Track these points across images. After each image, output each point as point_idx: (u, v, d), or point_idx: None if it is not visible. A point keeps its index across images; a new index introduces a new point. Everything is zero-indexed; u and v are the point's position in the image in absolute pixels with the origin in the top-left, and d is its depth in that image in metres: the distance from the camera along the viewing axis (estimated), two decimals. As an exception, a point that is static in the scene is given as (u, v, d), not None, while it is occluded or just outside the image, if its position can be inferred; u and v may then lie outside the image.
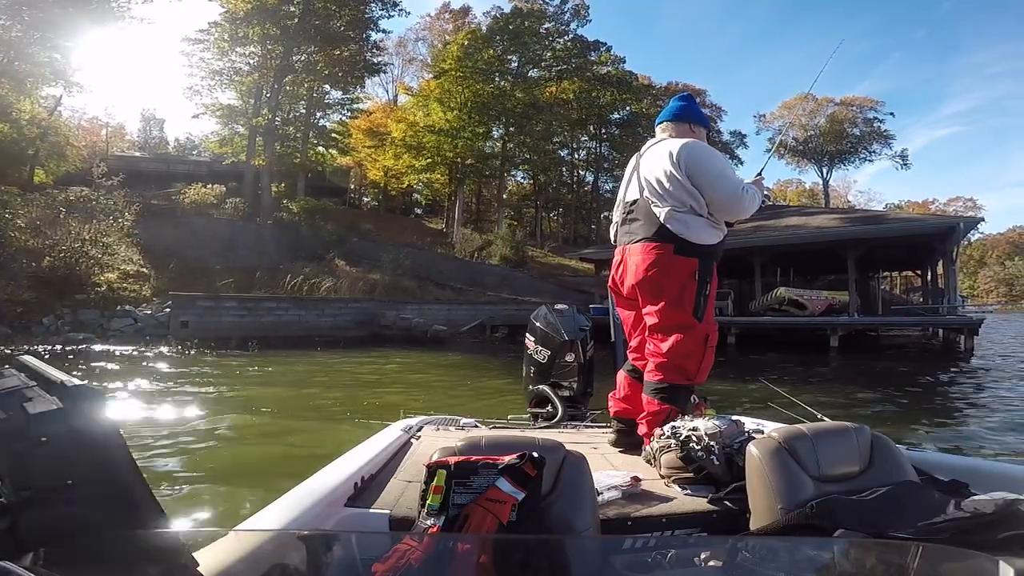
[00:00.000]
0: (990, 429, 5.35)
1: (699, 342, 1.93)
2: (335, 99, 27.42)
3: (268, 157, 23.29)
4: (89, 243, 14.97)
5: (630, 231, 2.03)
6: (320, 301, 16.20)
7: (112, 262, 15.56)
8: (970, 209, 57.67)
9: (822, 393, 7.21)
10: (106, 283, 14.62)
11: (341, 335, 14.86)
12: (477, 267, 24.35)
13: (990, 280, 78.46)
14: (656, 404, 1.90)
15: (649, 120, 29.86)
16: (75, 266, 14.26)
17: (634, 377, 2.11)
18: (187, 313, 13.63)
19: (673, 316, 1.92)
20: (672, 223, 1.90)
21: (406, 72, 43.36)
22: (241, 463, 3.94)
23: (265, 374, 8.94)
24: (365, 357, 11.59)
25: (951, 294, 16.09)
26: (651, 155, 2.04)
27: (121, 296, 14.55)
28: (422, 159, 28.93)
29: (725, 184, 1.93)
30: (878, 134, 42.28)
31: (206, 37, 23.61)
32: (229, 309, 14.22)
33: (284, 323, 14.77)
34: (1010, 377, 9.35)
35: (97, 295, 14.09)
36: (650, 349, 1.99)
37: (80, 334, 12.50)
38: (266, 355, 11.10)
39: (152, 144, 46.79)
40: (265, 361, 10.29)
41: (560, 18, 35.09)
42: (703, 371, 1.96)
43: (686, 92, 2.28)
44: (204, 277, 16.39)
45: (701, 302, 1.93)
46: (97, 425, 0.62)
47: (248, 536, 0.83)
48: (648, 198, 1.98)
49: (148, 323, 13.61)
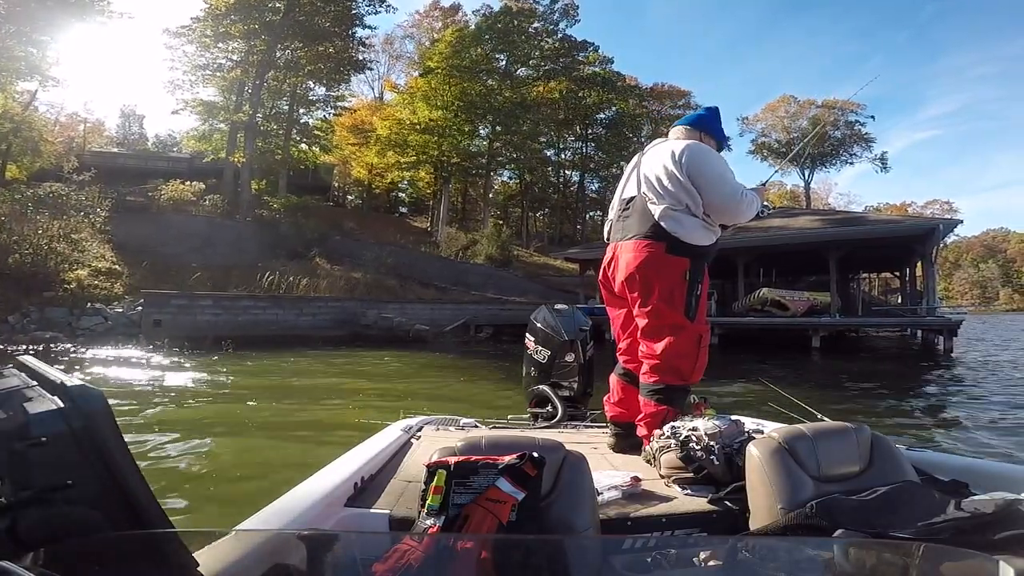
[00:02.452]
0: (982, 429, 5.36)
1: (692, 343, 1.93)
2: (319, 96, 27.11)
3: (248, 153, 22.84)
4: (58, 239, 14.48)
5: (624, 228, 2.03)
6: (299, 300, 15.87)
7: (83, 259, 15.08)
8: (947, 212, 58.92)
9: (813, 394, 7.17)
10: (76, 280, 14.14)
11: (320, 335, 14.57)
12: (462, 266, 24.17)
13: (964, 282, 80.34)
14: (653, 405, 1.90)
15: (634, 120, 29.96)
16: (43, 263, 13.80)
17: (626, 380, 2.10)
18: (160, 312, 13.22)
19: (665, 317, 1.92)
20: (666, 221, 1.90)
21: (393, 70, 43.02)
22: (228, 467, 3.81)
23: (234, 374, 8.64)
24: (336, 357, 11.36)
25: (930, 295, 16.29)
26: (654, 153, 2.05)
27: (92, 294, 14.08)
28: (407, 157, 28.65)
29: (724, 187, 1.93)
30: (859, 137, 42.96)
31: (188, 32, 23.12)
32: (204, 308, 13.83)
33: (261, 322, 14.42)
34: (992, 377, 9.42)
35: (66, 293, 13.62)
36: (643, 351, 1.98)
37: (47, 333, 12.05)
38: (240, 355, 10.79)
39: (131, 140, 45.86)
40: (238, 361, 10.01)
41: (549, 18, 35.14)
42: (697, 371, 1.96)
43: (714, 106, 2.24)
44: (179, 275, 15.95)
45: (692, 303, 1.92)
46: (97, 425, 0.63)
47: (248, 536, 0.83)
48: (645, 194, 1.97)
49: (119, 322, 13.18)
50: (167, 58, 23.57)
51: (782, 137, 43.60)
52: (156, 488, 0.67)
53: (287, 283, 16.55)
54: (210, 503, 3.13)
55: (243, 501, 2.98)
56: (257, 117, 23.66)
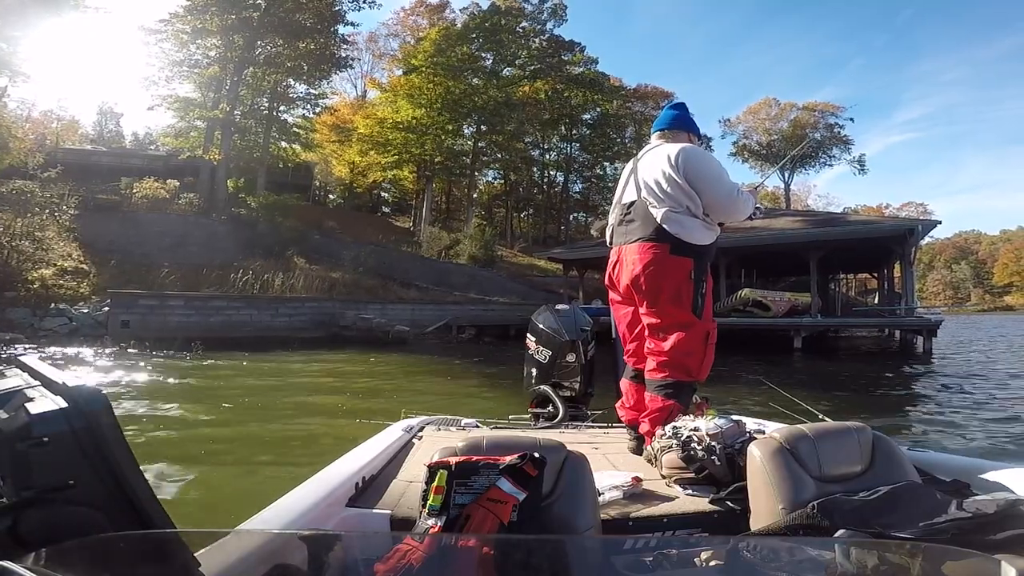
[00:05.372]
0: (975, 428, 5.35)
1: (700, 339, 1.97)
2: (300, 93, 26.65)
3: (224, 151, 22.30)
4: (21, 237, 13.92)
5: (627, 232, 2.08)
6: (274, 300, 15.48)
7: (47, 258, 14.55)
8: (922, 214, 60.07)
9: (799, 394, 7.09)
10: (39, 280, 13.62)
11: (296, 336, 14.20)
12: (444, 266, 23.90)
13: (938, 283, 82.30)
14: (660, 400, 1.92)
15: (618, 121, 29.94)
16: (5, 262, 13.24)
17: (638, 382, 2.12)
18: (128, 312, 12.76)
19: (673, 315, 1.96)
20: (668, 224, 1.95)
21: (376, 68, 42.47)
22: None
23: (196, 377, 8.29)
24: (303, 359, 11.05)
25: (908, 296, 16.46)
26: (649, 159, 2.11)
27: (56, 294, 13.58)
28: (388, 155, 28.28)
29: (721, 187, 2.01)
30: (838, 139, 43.60)
31: (165, 28, 22.53)
32: (174, 308, 13.40)
33: (234, 323, 14.01)
34: (976, 378, 9.47)
35: (29, 293, 13.10)
36: (650, 348, 2.02)
37: (7, 334, 11.54)
38: (209, 356, 10.40)
39: (108, 138, 44.64)
40: (200, 363, 9.64)
41: (538, 17, 35.00)
42: (704, 368, 1.99)
43: (679, 101, 2.38)
44: (150, 274, 15.46)
45: (699, 300, 1.98)
46: (99, 425, 0.63)
47: (249, 536, 0.82)
48: (646, 199, 2.03)
49: (84, 322, 12.70)
50: (144, 54, 23.06)
51: (763, 139, 44.11)
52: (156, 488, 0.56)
53: (262, 282, 16.11)
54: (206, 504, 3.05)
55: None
56: (235, 114, 23.17)
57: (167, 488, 3.25)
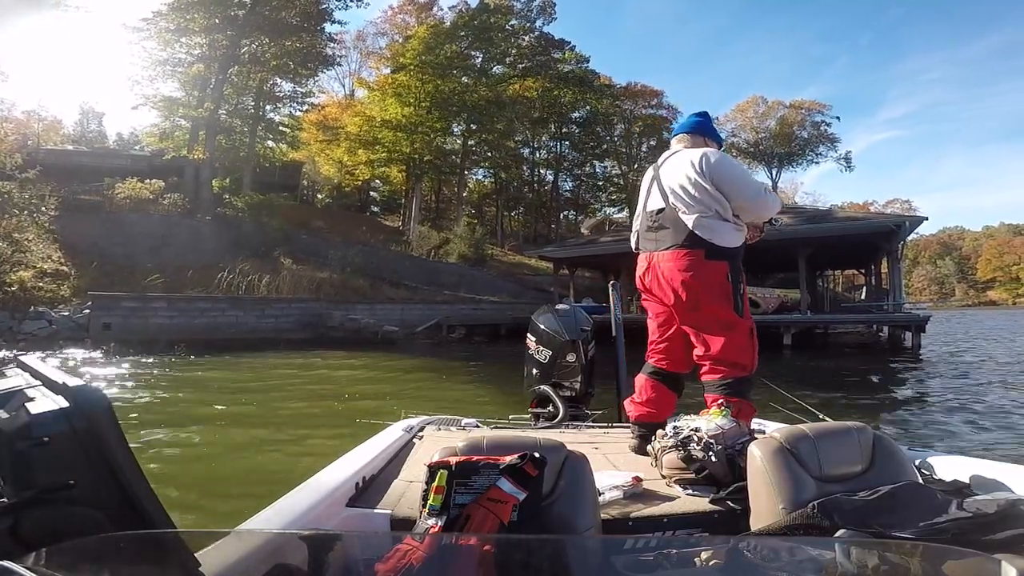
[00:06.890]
0: (967, 424, 5.35)
1: (746, 336, 2.02)
2: (286, 91, 26.33)
3: (209, 150, 21.96)
4: (-3, 239, 13.60)
5: (657, 239, 2.10)
6: (260, 301, 15.23)
7: (26, 260, 14.20)
8: (907, 210, 60.53)
9: (794, 393, 7.07)
10: (18, 282, 13.29)
11: (283, 337, 14.00)
12: (434, 266, 23.73)
13: (923, 279, 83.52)
14: (725, 399, 1.92)
15: (608, 119, 29.85)
16: (-18, 264, 12.92)
17: (657, 379, 2.13)
18: (110, 315, 12.49)
19: (718, 317, 2.00)
20: (701, 229, 1.98)
21: (364, 66, 42.09)
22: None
23: (179, 380, 8.11)
24: (290, 360, 10.86)
25: (896, 292, 16.56)
26: (671, 165, 2.12)
27: (35, 296, 13.26)
28: (376, 154, 28.03)
29: (747, 188, 2.04)
30: (824, 137, 43.94)
31: (148, 27, 22.11)
32: (157, 310, 13.14)
33: (219, 325, 13.77)
34: (965, 375, 9.50)
35: (7, 295, 12.78)
36: (699, 353, 2.04)
37: (-17, 339, 11.26)
38: (193, 359, 10.19)
39: (89, 138, 43.78)
40: (184, 365, 9.44)
41: (527, 15, 34.89)
42: (754, 360, 2.04)
43: (703, 110, 2.37)
44: (133, 276, 15.14)
45: (739, 300, 2.02)
46: (100, 425, 0.63)
47: (250, 536, 0.82)
48: (675, 205, 2.04)
49: (64, 325, 12.41)
50: (127, 53, 22.64)
51: (751, 137, 44.32)
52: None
53: (247, 283, 15.84)
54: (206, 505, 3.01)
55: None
56: (220, 113, 22.82)
57: (158, 491, 3.12)
